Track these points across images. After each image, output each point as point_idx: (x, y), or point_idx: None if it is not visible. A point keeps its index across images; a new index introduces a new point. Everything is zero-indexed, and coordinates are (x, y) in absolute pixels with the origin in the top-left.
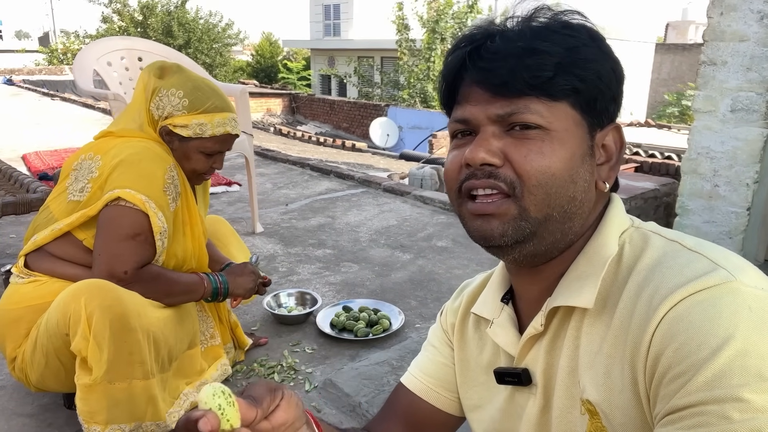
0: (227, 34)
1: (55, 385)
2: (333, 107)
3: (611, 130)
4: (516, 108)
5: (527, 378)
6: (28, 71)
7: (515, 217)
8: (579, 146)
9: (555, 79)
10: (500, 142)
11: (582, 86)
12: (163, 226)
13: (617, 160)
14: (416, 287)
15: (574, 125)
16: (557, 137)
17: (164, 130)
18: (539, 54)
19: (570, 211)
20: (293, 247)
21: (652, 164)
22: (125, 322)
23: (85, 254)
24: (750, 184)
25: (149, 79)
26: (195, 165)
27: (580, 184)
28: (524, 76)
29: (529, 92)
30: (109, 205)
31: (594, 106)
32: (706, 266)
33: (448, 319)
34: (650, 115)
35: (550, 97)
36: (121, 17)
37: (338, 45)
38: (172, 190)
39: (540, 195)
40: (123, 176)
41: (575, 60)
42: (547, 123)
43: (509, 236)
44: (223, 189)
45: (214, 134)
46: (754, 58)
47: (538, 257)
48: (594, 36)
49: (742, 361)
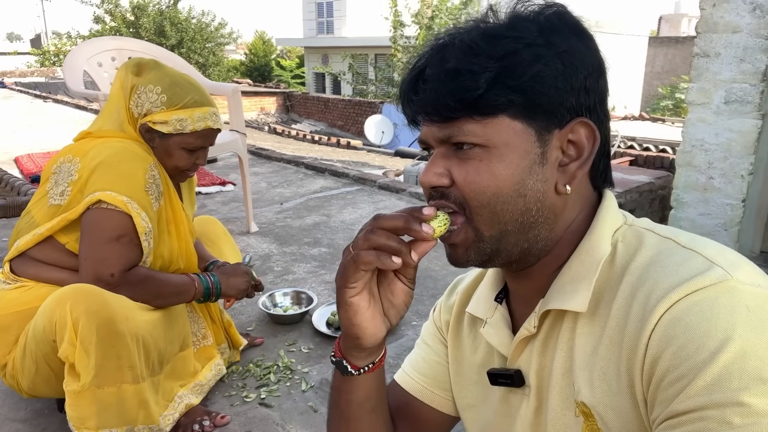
0: (220, 33)
1: (47, 391)
2: (327, 105)
3: (576, 125)
4: (452, 132)
5: (520, 379)
6: (20, 73)
7: (474, 241)
8: (523, 157)
9: (484, 96)
10: (447, 162)
11: (516, 96)
12: (148, 226)
13: (588, 156)
14: None
15: (516, 136)
16: (496, 154)
17: (144, 128)
18: (463, 75)
19: (527, 222)
20: (288, 246)
21: (647, 157)
22: (112, 327)
23: (69, 258)
24: (745, 175)
25: (126, 76)
26: (177, 162)
27: (531, 195)
28: (449, 101)
29: (459, 114)
30: (91, 209)
31: (540, 110)
32: (701, 264)
33: (442, 317)
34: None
35: (484, 115)
36: (113, 18)
37: (332, 42)
38: (154, 190)
39: (486, 214)
40: (103, 178)
41: (509, 69)
42: (484, 141)
43: (473, 259)
44: (218, 189)
45: (194, 129)
46: (747, 49)
47: (519, 263)
48: (545, 29)
49: (741, 363)
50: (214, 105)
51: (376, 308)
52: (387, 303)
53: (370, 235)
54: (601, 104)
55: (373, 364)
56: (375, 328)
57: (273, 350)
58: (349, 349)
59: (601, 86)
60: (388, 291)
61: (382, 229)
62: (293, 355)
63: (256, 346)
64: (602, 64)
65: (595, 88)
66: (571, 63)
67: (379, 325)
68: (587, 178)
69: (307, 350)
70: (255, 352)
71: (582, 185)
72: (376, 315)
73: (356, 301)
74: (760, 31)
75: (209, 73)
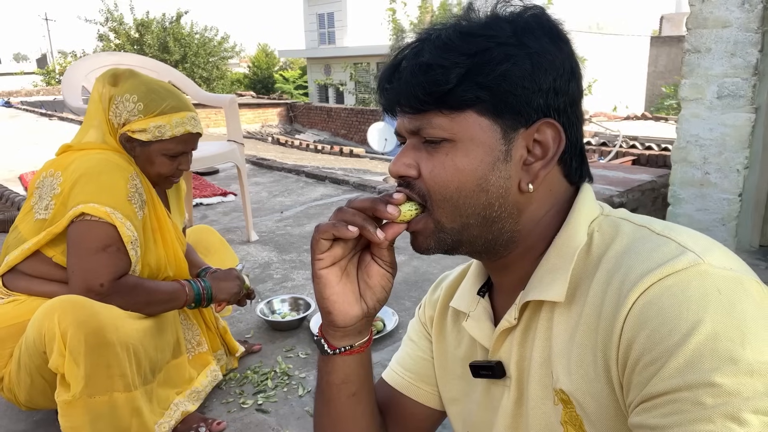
0: (223, 47)
1: (45, 402)
2: (330, 114)
3: (542, 125)
4: (421, 123)
5: (501, 371)
6: (26, 93)
7: (433, 231)
8: (488, 153)
9: (453, 91)
10: (416, 154)
11: (483, 93)
12: (133, 234)
13: (552, 156)
14: (411, 288)
15: (482, 132)
16: (462, 148)
17: (124, 137)
18: (435, 69)
19: (489, 216)
20: (288, 253)
21: (649, 156)
22: (101, 336)
23: (58, 270)
24: (740, 169)
25: (103, 87)
26: (159, 168)
27: (494, 191)
28: (419, 94)
29: (429, 107)
30: (75, 222)
31: (507, 109)
32: (673, 250)
33: (427, 313)
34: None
35: (451, 109)
36: (117, 35)
37: (333, 53)
38: (137, 199)
39: (447, 208)
40: (84, 191)
41: (478, 66)
42: (451, 135)
43: (434, 248)
44: (219, 199)
45: (173, 135)
46: (738, 43)
47: (488, 253)
48: (519, 30)
49: (712, 344)
50: (193, 110)
51: (348, 286)
52: (363, 284)
53: (338, 211)
54: (573, 106)
55: (351, 347)
56: (347, 304)
57: (271, 356)
58: (325, 327)
59: (573, 89)
60: (365, 273)
61: (351, 207)
62: (291, 361)
63: (255, 353)
64: (575, 67)
65: (566, 90)
66: (540, 64)
67: (352, 303)
68: (560, 174)
69: (305, 355)
70: (253, 358)
71: (553, 182)
72: (347, 292)
73: (325, 273)
74: (750, 25)
75: (213, 87)
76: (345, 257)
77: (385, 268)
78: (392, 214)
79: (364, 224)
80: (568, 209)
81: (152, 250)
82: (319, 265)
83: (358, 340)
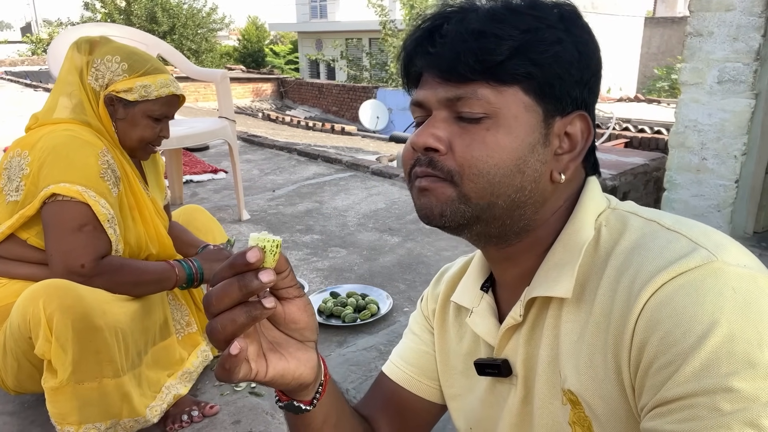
0: (212, 19)
1: (34, 387)
2: (322, 91)
3: (576, 117)
4: (463, 92)
5: (507, 369)
6: (10, 62)
7: (453, 200)
8: (528, 134)
9: (505, 63)
10: (448, 127)
11: (535, 70)
12: (109, 212)
13: (581, 150)
14: (405, 270)
15: (525, 111)
16: (504, 124)
17: (108, 99)
18: (488, 37)
19: (518, 200)
20: (280, 233)
21: (642, 139)
22: (89, 321)
23: (34, 252)
24: (738, 156)
25: (75, 55)
26: (143, 132)
27: (529, 174)
28: (470, 60)
29: (476, 77)
30: (47, 203)
31: (551, 92)
32: (685, 246)
33: (429, 306)
34: (640, 90)
35: (500, 82)
36: (104, 4)
37: (325, 27)
38: (110, 175)
39: (481, 183)
40: (54, 171)
41: (531, 42)
42: (494, 110)
43: (448, 217)
44: (209, 177)
45: (159, 95)
46: (741, 27)
47: (496, 239)
48: (565, 17)
49: (729, 347)
50: (172, 75)
51: (289, 351)
52: (292, 332)
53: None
54: (594, 105)
55: (320, 386)
56: (300, 365)
57: None
58: (293, 393)
59: (599, 88)
60: (285, 321)
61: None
62: None
63: None
64: (602, 68)
65: (595, 89)
66: (585, 54)
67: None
68: (580, 168)
69: None
70: None
71: (574, 175)
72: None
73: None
74: (754, 9)
75: (202, 60)
76: (259, 342)
77: (294, 295)
78: (254, 263)
79: (248, 319)
80: (575, 202)
81: (131, 228)
82: (259, 375)
83: (320, 376)
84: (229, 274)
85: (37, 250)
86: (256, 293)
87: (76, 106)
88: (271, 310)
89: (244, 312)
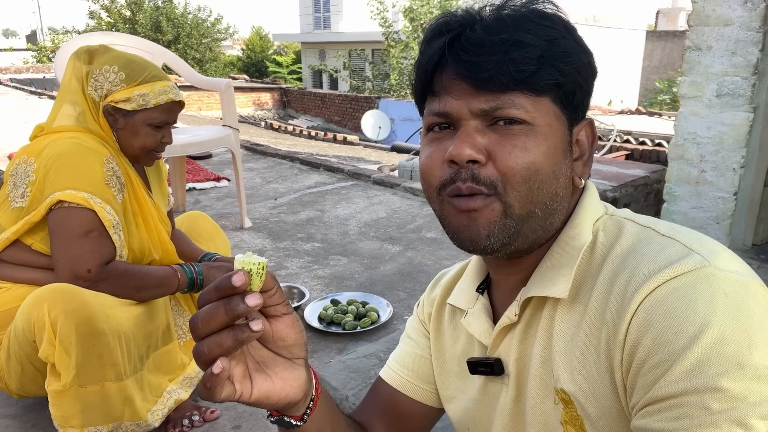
0: (216, 29)
1: (36, 390)
2: (324, 101)
3: (585, 125)
4: (501, 103)
5: (500, 368)
6: (15, 70)
7: (501, 215)
8: (560, 141)
9: (539, 73)
10: (484, 137)
11: (563, 80)
12: (114, 219)
13: (590, 155)
14: (405, 279)
15: (556, 120)
16: (541, 132)
17: (107, 110)
18: (524, 47)
19: (551, 207)
20: (282, 241)
21: (643, 151)
22: (92, 325)
23: (39, 257)
24: (737, 168)
25: (76, 64)
26: (144, 140)
27: (562, 180)
28: (510, 70)
29: (514, 87)
30: (54, 210)
31: (572, 101)
32: (679, 251)
33: (425, 310)
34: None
35: (534, 92)
36: (109, 13)
37: (329, 38)
38: (115, 182)
39: (524, 191)
40: (60, 177)
41: (556, 53)
42: (531, 118)
43: (495, 237)
44: (212, 185)
45: (158, 103)
46: (739, 42)
47: (519, 253)
48: (569, 27)
49: (719, 348)
50: (171, 80)
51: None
52: (281, 350)
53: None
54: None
55: (312, 401)
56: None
57: None
58: (283, 410)
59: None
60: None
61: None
62: None
63: None
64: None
65: (592, 95)
66: (593, 64)
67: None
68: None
69: None
70: None
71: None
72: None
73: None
74: (752, 24)
75: (206, 69)
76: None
77: (282, 312)
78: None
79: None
80: (574, 207)
81: (134, 233)
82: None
83: (311, 390)
84: (215, 296)
85: (41, 255)
86: (242, 317)
87: (80, 115)
88: (259, 333)
89: (230, 336)
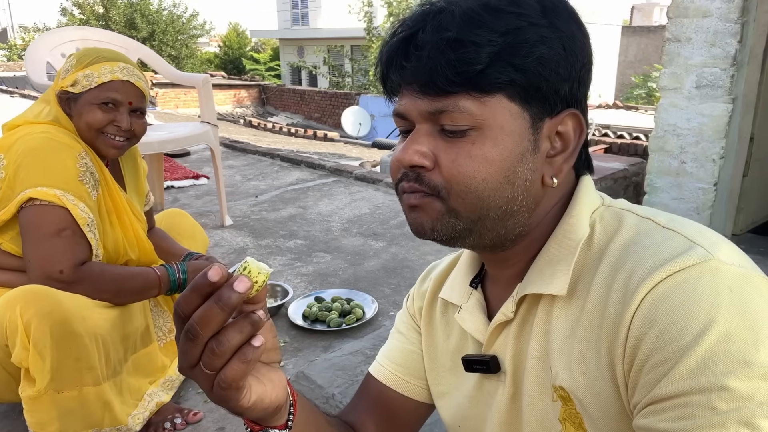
0: (192, 25)
1: (11, 396)
2: (304, 97)
3: (567, 116)
4: (443, 106)
5: (495, 365)
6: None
7: (444, 214)
8: (517, 143)
9: (486, 71)
10: (433, 141)
11: (518, 76)
12: (89, 216)
13: (575, 149)
14: (389, 275)
15: (512, 119)
16: (490, 136)
17: (60, 98)
18: (466, 46)
19: (510, 210)
20: (264, 239)
21: (621, 145)
22: (67, 328)
23: (8, 258)
24: (716, 159)
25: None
26: (89, 119)
27: (519, 184)
28: (447, 73)
29: (456, 89)
30: (24, 207)
31: (537, 95)
32: (682, 244)
33: (415, 304)
34: (618, 97)
35: (481, 92)
36: (81, 10)
37: (307, 34)
38: (89, 178)
39: (470, 199)
40: (31, 174)
41: (513, 46)
42: (479, 121)
43: (440, 231)
44: (191, 182)
45: (101, 81)
46: (718, 33)
47: (492, 247)
48: (548, 9)
49: (725, 346)
50: (135, 65)
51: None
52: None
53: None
54: (585, 97)
55: (292, 406)
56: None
57: None
58: (266, 420)
59: (590, 78)
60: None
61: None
62: None
63: None
64: (592, 56)
65: (586, 81)
66: (572, 50)
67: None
68: (571, 167)
69: (283, 343)
70: None
71: (566, 175)
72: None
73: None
74: (730, 15)
75: (182, 66)
76: None
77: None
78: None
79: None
80: (569, 200)
81: (108, 232)
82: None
83: (288, 396)
84: (198, 299)
85: (11, 256)
86: (237, 307)
87: (52, 110)
88: (262, 347)
89: (239, 362)
